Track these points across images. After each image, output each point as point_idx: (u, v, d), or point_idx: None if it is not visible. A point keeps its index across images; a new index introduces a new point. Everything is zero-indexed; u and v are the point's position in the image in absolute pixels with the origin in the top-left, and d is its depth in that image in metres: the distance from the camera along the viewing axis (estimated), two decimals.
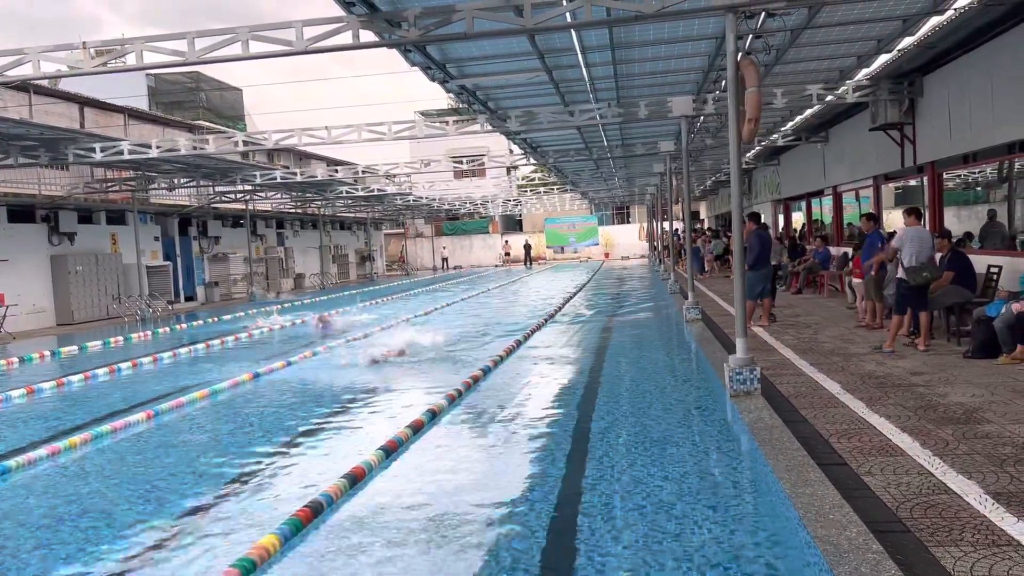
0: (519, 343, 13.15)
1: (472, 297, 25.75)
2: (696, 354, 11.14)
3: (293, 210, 36.40)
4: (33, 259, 22.39)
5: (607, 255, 53.46)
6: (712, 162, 28.34)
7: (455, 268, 52.52)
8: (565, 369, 10.96)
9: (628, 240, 54.60)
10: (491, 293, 27.51)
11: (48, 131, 15.46)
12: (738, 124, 7.91)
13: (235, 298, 30.92)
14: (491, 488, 5.85)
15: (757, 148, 23.73)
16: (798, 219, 27.00)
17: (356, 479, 5.77)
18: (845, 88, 14.30)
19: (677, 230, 27.19)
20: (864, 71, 14.09)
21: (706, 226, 41.44)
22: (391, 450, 6.56)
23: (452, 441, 7.33)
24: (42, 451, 7.19)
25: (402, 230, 55.18)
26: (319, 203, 35.48)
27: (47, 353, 15.51)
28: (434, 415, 7.90)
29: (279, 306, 25.25)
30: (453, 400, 8.68)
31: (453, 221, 55.13)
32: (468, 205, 44.48)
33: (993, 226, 12.67)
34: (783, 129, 20.40)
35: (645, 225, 52.05)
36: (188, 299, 29.76)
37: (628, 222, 58.63)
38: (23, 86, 20.62)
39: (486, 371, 10.49)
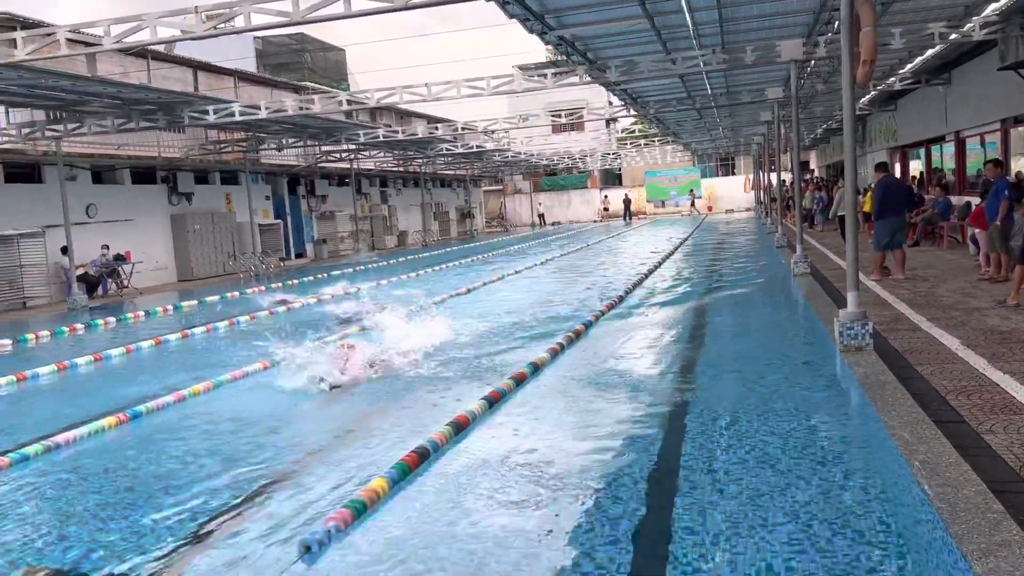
0: (620, 299, 13.07)
1: (573, 252, 25.70)
2: (804, 309, 10.81)
3: (396, 168, 37.04)
4: (155, 219, 23.66)
5: (710, 208, 52.15)
6: (823, 109, 27.09)
7: (553, 224, 52.40)
8: (666, 323, 10.83)
9: (733, 192, 53.01)
10: (590, 248, 27.37)
11: (165, 95, 16.18)
12: (852, 67, 7.51)
13: (342, 255, 31.85)
14: (592, 439, 5.88)
15: (872, 93, 22.51)
16: (916, 167, 25.58)
17: (460, 427, 5.91)
18: (971, 25, 13.32)
19: (785, 181, 26.22)
20: (992, 6, 13.07)
21: (815, 176, 39.78)
22: (494, 400, 6.68)
23: (553, 393, 7.39)
24: (170, 397, 7.65)
25: (501, 187, 55.35)
26: (420, 161, 35.96)
27: (169, 307, 16.46)
28: (536, 368, 7.98)
29: (382, 263, 25.92)
30: (556, 353, 8.73)
31: (551, 176, 54.84)
32: (566, 160, 44.12)
33: None
34: (901, 72, 19.25)
35: (751, 177, 50.43)
36: (298, 256, 30.88)
37: (733, 174, 56.85)
38: (142, 52, 21.59)
39: (588, 325, 10.49)
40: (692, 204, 51.68)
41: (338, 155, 29.53)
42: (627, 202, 50.36)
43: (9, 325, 14.99)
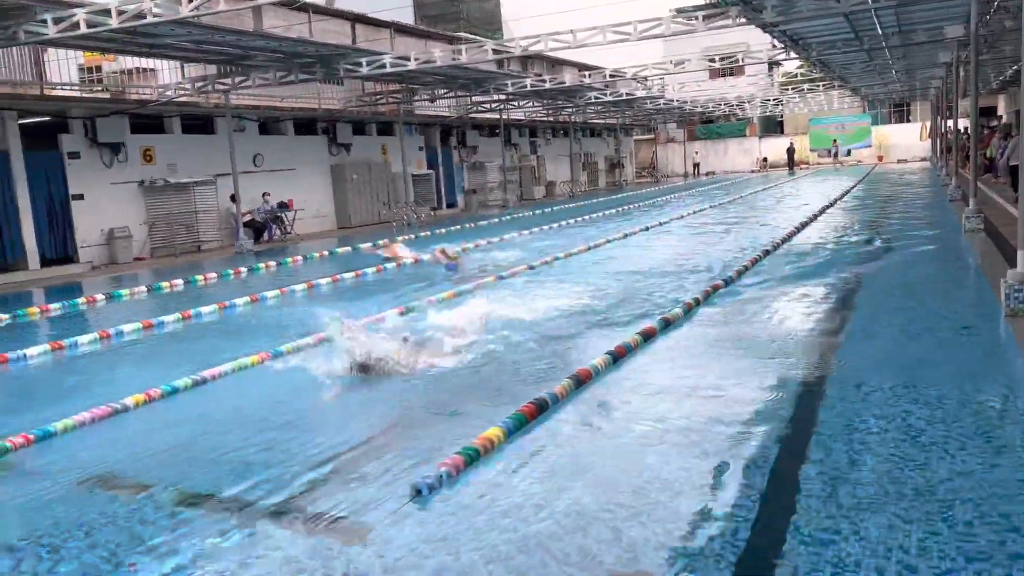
0: (767, 252, 12.48)
1: (724, 204, 24.80)
2: (971, 269, 9.92)
3: (545, 118, 36.90)
4: (316, 168, 24.83)
5: (880, 158, 48.66)
6: (1012, 48, 24.39)
7: (707, 174, 50.68)
8: (815, 280, 10.22)
9: (907, 141, 49.11)
10: (744, 199, 26.30)
11: (322, 48, 16.80)
12: None
13: (491, 204, 32.26)
14: (720, 399, 5.67)
15: None
16: None
17: (580, 380, 5.86)
18: None
19: (963, 129, 23.99)
20: None
21: (1002, 122, 36.13)
22: (619, 356, 6.57)
23: (682, 350, 7.18)
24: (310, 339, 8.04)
25: (652, 136, 53.97)
26: (570, 110, 35.62)
27: (325, 253, 17.32)
28: (667, 324, 7.77)
29: (527, 214, 26.06)
30: (690, 309, 8.47)
31: (707, 124, 52.86)
32: (723, 107, 42.32)
33: None
34: None
35: (927, 124, 46.49)
36: (450, 206, 31.59)
37: (908, 120, 52.56)
38: (303, 6, 22.45)
39: (727, 281, 10.09)
40: (835, 155, 48.33)
41: (488, 106, 29.73)
42: (790, 151, 47.84)
43: (185, 266, 16.30)
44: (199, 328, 9.68)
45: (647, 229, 18.00)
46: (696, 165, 51.68)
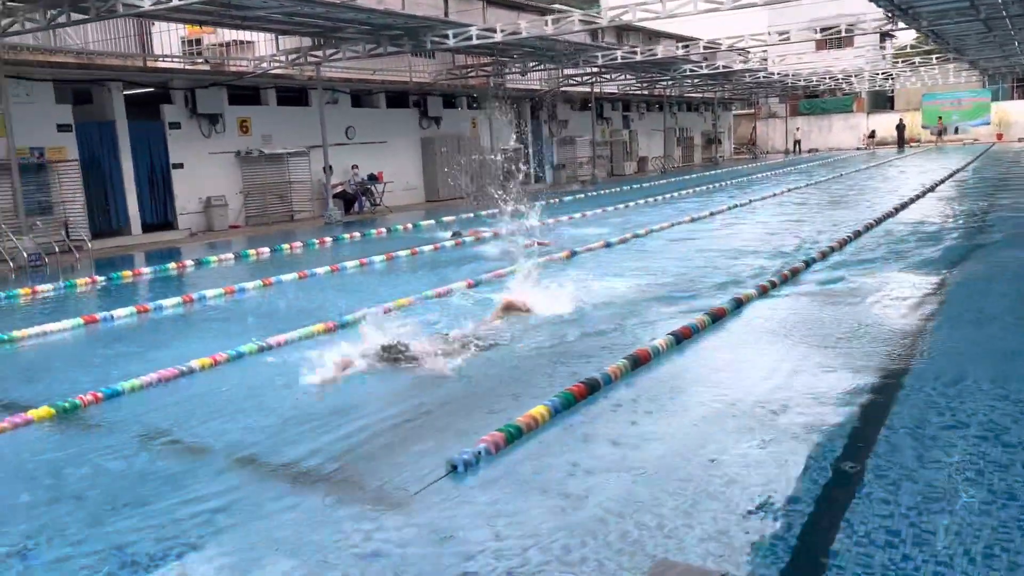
0: (857, 234, 11.86)
1: (827, 181, 23.78)
2: None
3: (639, 92, 36.14)
4: (406, 141, 25.07)
5: (999, 136, 45.65)
6: None
7: (809, 151, 48.69)
8: (906, 266, 9.64)
9: None
10: (844, 178, 25.14)
11: (410, 20, 16.85)
12: None
13: (580, 179, 31.87)
14: (789, 385, 5.38)
15: None
16: None
17: (639, 361, 5.67)
18: None
19: None
20: None
21: None
22: (683, 337, 6.33)
23: (752, 332, 6.87)
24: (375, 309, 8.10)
25: (753, 110, 52.15)
26: (664, 83, 34.77)
27: (409, 225, 17.50)
28: (739, 304, 7.46)
29: (615, 189, 25.66)
30: (765, 291, 8.11)
31: (811, 99, 50.67)
32: (827, 81, 40.41)
33: None
34: None
35: None
36: (538, 181, 31.41)
37: None
38: None
39: (809, 262, 9.63)
40: (938, 133, 45.41)
41: (579, 79, 29.31)
42: (900, 128, 45.43)
43: (275, 235, 16.75)
44: (278, 294, 9.90)
45: (735, 207, 17.42)
46: (797, 142, 49.70)
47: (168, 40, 19.52)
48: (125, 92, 17.55)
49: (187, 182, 18.69)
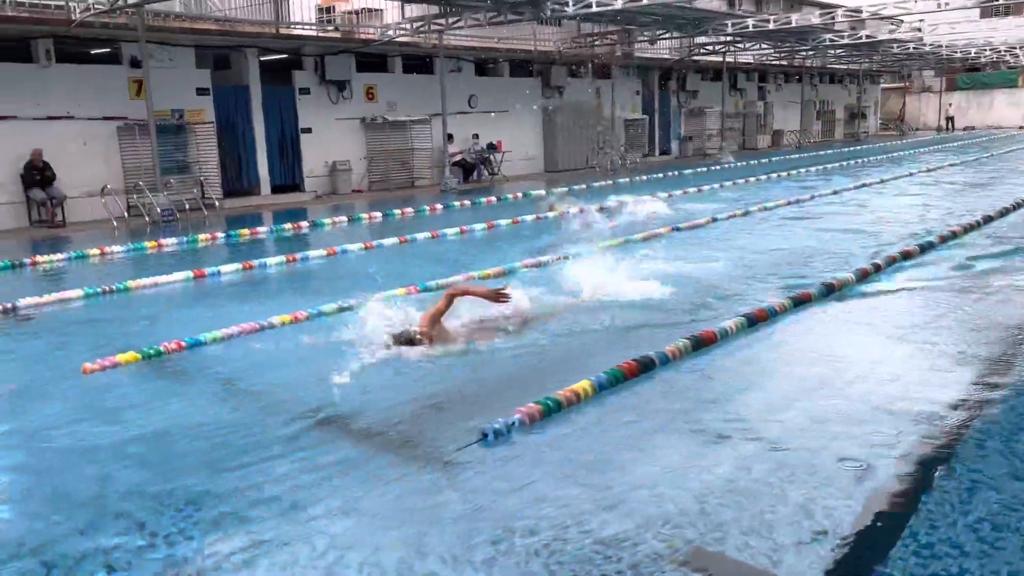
0: (987, 219, 10.96)
1: (975, 161, 22.06)
2: None
3: (777, 62, 34.54)
4: (527, 111, 25.05)
5: None
6: None
7: (964, 129, 45.14)
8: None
9: None
10: (993, 159, 23.22)
11: None
12: None
13: (708, 153, 30.97)
14: (874, 382, 5.04)
15: None
16: None
17: (701, 343, 5.51)
18: None
19: None
20: None
21: None
22: (757, 319, 6.09)
23: (840, 322, 6.51)
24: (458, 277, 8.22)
25: (904, 84, 48.76)
26: (804, 54, 33.06)
27: (519, 194, 17.57)
28: (830, 290, 7.08)
29: (741, 164, 24.75)
30: (865, 276, 7.66)
31: (971, 73, 46.80)
32: (988, 53, 37.16)
33: None
34: None
35: None
36: (663, 153, 30.75)
37: None
38: None
39: (925, 247, 9.00)
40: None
41: (711, 48, 28.33)
42: None
43: (393, 200, 17.23)
44: (375, 258, 10.22)
45: (864, 186, 16.47)
46: (949, 119, 46.15)
47: (302, 7, 20.27)
48: (260, 58, 18.42)
49: (314, 146, 19.47)
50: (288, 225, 13.22)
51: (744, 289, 7.53)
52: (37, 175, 14.11)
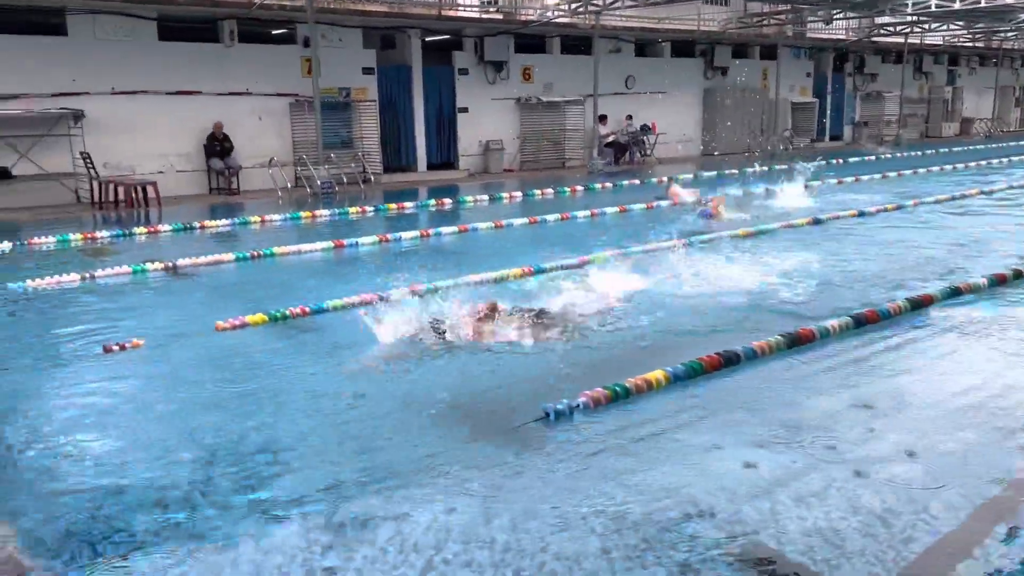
0: None
1: None
2: None
3: (971, 44, 31.76)
4: (687, 92, 24.55)
5: None
6: None
7: None
8: None
9: None
10: None
11: None
12: None
13: (884, 140, 29.03)
14: (987, 410, 4.79)
15: None
16: None
17: (796, 341, 5.38)
18: None
19: None
20: None
21: None
22: (864, 320, 5.85)
23: (963, 328, 6.12)
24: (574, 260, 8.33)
25: None
26: (1003, 34, 30.19)
27: (664, 179, 17.32)
28: (955, 293, 6.65)
29: (923, 152, 23.08)
30: (1003, 280, 7.12)
31: None
32: None
33: None
34: None
35: None
36: (833, 138, 29.18)
37: None
38: None
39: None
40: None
41: (893, 28, 26.48)
42: None
43: (542, 180, 17.48)
44: (503, 237, 10.53)
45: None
46: None
47: None
48: (423, 39, 19.18)
49: (470, 125, 20.07)
50: (433, 202, 13.82)
51: (849, 291, 7.21)
52: (217, 146, 15.53)
